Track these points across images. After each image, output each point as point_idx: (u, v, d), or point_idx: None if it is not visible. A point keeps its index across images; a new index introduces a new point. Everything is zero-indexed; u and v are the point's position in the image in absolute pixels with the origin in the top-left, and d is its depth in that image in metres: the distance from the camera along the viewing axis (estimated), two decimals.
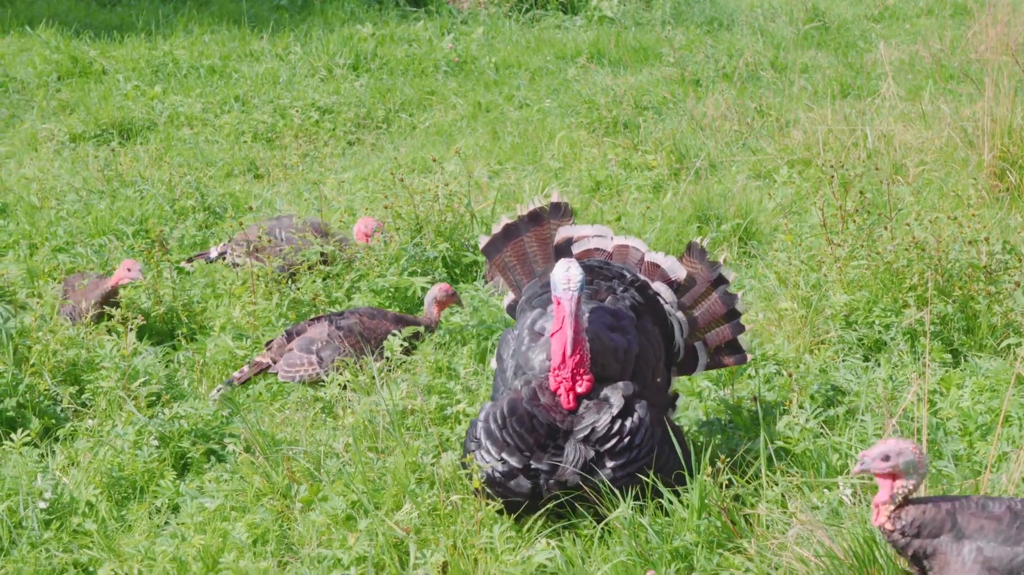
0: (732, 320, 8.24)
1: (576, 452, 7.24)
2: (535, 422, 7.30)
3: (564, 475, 7.25)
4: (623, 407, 7.29)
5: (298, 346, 10.04)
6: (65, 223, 13.49)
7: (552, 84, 19.33)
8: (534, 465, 7.28)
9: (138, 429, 9.01)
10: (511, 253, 8.46)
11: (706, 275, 8.23)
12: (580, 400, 7.33)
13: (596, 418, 7.27)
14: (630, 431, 7.24)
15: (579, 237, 8.36)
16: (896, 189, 12.50)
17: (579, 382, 7.33)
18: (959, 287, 10.03)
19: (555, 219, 8.50)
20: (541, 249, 8.41)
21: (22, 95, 19.86)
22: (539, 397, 7.37)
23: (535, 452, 7.29)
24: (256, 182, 15.79)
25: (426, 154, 15.51)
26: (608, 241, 8.35)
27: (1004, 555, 5.87)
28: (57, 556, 7.92)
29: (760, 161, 14.63)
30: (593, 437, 7.25)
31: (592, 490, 7.25)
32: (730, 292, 8.26)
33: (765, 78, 18.55)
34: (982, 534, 5.94)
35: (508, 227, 8.51)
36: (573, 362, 7.30)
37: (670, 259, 8.23)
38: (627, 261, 8.22)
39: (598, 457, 7.25)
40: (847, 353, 9.78)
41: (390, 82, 19.70)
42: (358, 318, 10.20)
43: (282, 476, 8.25)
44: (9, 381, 9.57)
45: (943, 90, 16.49)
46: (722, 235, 12.50)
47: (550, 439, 7.30)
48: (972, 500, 6.07)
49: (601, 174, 14.40)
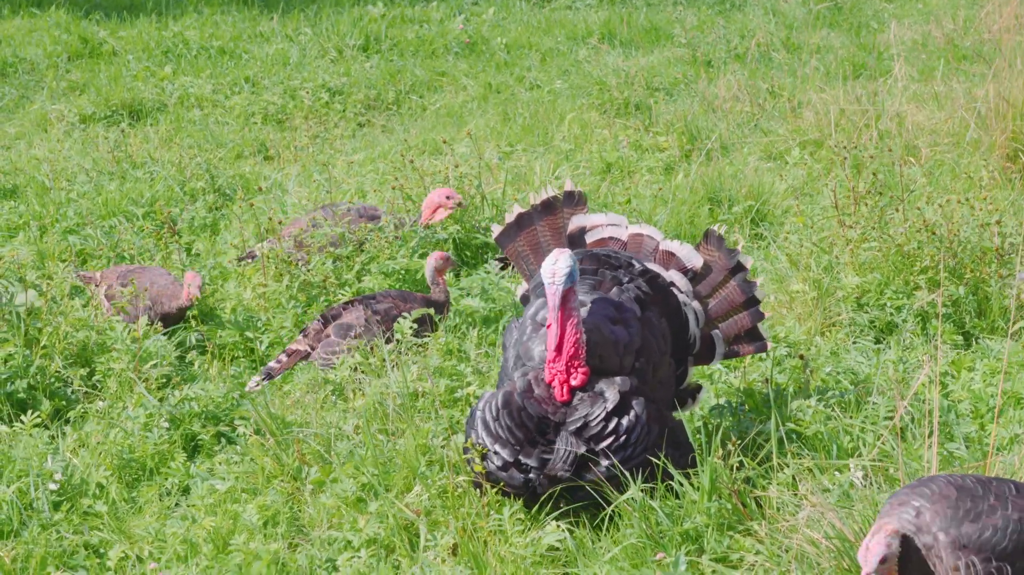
0: (751, 308, 8.11)
1: (567, 445, 7.17)
2: (524, 415, 7.21)
3: (554, 470, 7.18)
4: (618, 403, 7.21)
5: (335, 332, 10.00)
6: (75, 204, 13.48)
7: (563, 65, 19.28)
8: (523, 460, 7.21)
9: (149, 411, 9.02)
10: (524, 242, 8.38)
11: (724, 263, 8.10)
12: (575, 392, 7.25)
13: (589, 411, 7.19)
14: (626, 430, 7.17)
15: (592, 226, 8.28)
16: (908, 171, 12.46)
17: (574, 374, 7.24)
18: (971, 269, 10.00)
19: (568, 208, 8.40)
20: (554, 238, 8.32)
21: (32, 76, 19.87)
22: (533, 389, 7.30)
23: (524, 447, 7.21)
24: (266, 163, 15.78)
25: (436, 136, 15.48)
26: (622, 230, 8.25)
27: (971, 532, 5.84)
28: (68, 538, 7.93)
29: (772, 142, 14.60)
30: (585, 432, 7.17)
31: (587, 486, 7.20)
32: (749, 280, 8.12)
33: (777, 59, 18.48)
34: (943, 520, 5.90)
35: (521, 216, 8.42)
36: (567, 355, 7.19)
37: (686, 247, 8.12)
38: (641, 250, 8.12)
39: (591, 455, 7.17)
40: (858, 335, 9.77)
41: (400, 63, 19.67)
42: (392, 301, 10.18)
43: (292, 458, 8.25)
44: (20, 363, 9.58)
45: (955, 70, 16.44)
46: (733, 217, 12.47)
47: (540, 433, 7.21)
48: (909, 494, 6.00)
49: (612, 156, 14.37)
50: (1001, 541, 5.83)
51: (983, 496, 5.93)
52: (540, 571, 7.11)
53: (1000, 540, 5.83)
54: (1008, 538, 5.82)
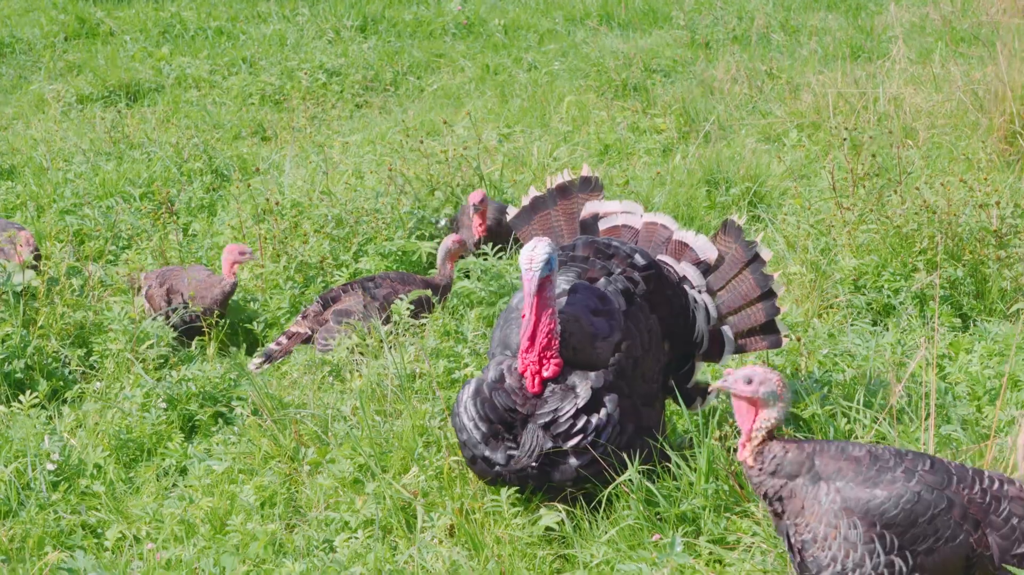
0: (766, 301, 7.85)
1: (533, 440, 7.04)
2: (489, 407, 7.11)
3: (519, 463, 7.07)
4: (589, 400, 7.06)
5: (334, 318, 10.00)
6: (72, 185, 13.48)
7: (561, 47, 19.27)
8: (488, 454, 7.12)
9: (146, 391, 9.02)
10: (538, 226, 8.28)
11: (740, 254, 7.87)
12: (547, 384, 7.11)
13: (559, 405, 7.04)
14: (595, 429, 7.03)
15: (606, 213, 8.14)
16: (906, 153, 12.44)
17: (546, 365, 7.09)
18: (969, 251, 10.00)
19: (583, 193, 8.28)
20: (567, 223, 8.22)
21: (29, 56, 19.86)
22: (505, 378, 7.16)
23: (491, 440, 7.11)
24: (264, 144, 15.77)
25: (434, 117, 15.47)
26: (637, 218, 8.09)
27: (862, 496, 5.84)
28: (65, 518, 7.94)
29: (770, 124, 14.59)
30: (554, 427, 7.04)
31: (564, 481, 7.11)
32: (766, 273, 7.86)
33: (775, 41, 18.48)
34: (840, 476, 5.91)
35: (536, 200, 8.33)
36: (539, 345, 7.06)
37: (701, 238, 7.95)
38: (654, 239, 7.97)
39: (559, 451, 7.04)
40: (856, 317, 9.76)
41: (398, 44, 19.65)
42: (391, 285, 10.17)
43: (290, 439, 8.25)
44: (17, 343, 9.57)
45: (954, 53, 16.41)
46: (731, 198, 12.47)
47: (507, 426, 7.09)
48: (833, 443, 6.04)
49: (610, 137, 14.36)
50: (891, 510, 5.81)
51: (892, 467, 5.91)
52: (537, 552, 7.12)
53: (889, 509, 5.81)
54: (900, 508, 5.80)
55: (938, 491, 5.85)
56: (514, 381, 7.13)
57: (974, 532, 5.83)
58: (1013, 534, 5.83)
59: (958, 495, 5.87)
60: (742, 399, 6.05)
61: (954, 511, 5.83)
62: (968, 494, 5.89)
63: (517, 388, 7.11)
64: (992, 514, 5.86)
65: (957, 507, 5.84)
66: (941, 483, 5.88)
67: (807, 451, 6.00)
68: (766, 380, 6.01)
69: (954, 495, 5.86)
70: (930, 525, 5.81)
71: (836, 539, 5.86)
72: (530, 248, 7.04)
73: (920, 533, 5.82)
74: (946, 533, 5.82)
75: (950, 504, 5.84)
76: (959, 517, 5.83)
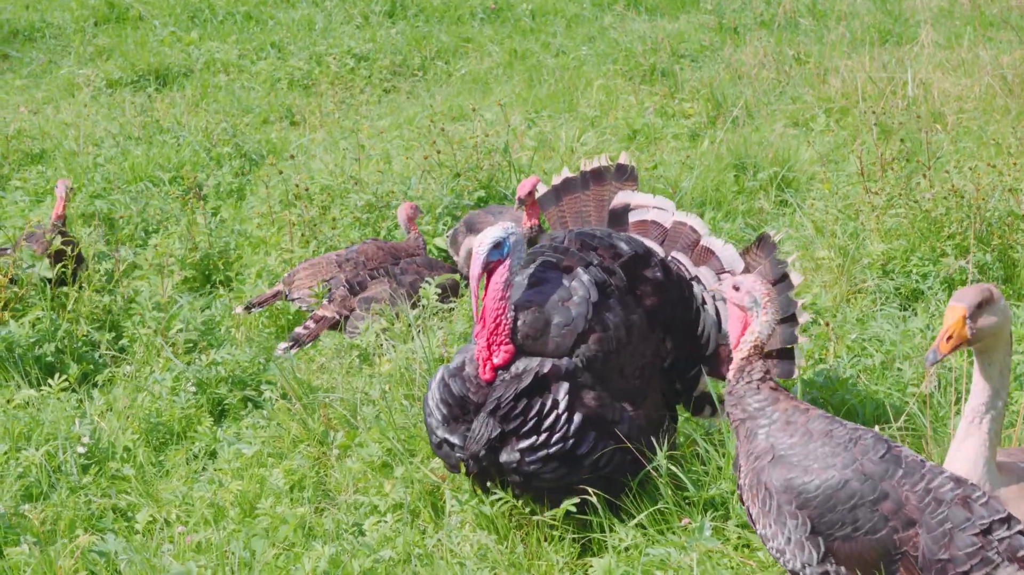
0: (787, 327, 7.44)
1: (482, 427, 6.86)
2: (447, 393, 6.96)
3: (469, 450, 6.89)
4: (531, 383, 6.84)
5: (361, 306, 10.04)
6: (102, 169, 13.53)
7: (589, 31, 19.25)
8: (447, 437, 6.97)
9: (175, 375, 9.06)
10: (567, 208, 8.10)
11: (767, 272, 7.55)
12: (499, 373, 6.92)
13: (503, 392, 6.84)
14: (536, 413, 6.82)
15: (637, 205, 7.87)
16: (934, 138, 12.40)
17: (495, 352, 6.90)
18: (998, 236, 9.97)
19: (618, 182, 8.06)
20: (596, 210, 8.04)
21: (59, 41, 19.92)
22: (465, 366, 7.01)
23: (450, 423, 6.96)
24: (292, 129, 15.80)
25: (462, 102, 15.48)
26: (668, 215, 7.80)
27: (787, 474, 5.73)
28: (96, 501, 7.98)
29: (798, 109, 14.56)
30: (497, 412, 6.84)
31: (511, 472, 6.93)
32: (791, 297, 7.46)
33: (803, 25, 18.43)
34: (786, 444, 5.82)
35: (568, 181, 8.11)
36: (488, 331, 6.89)
37: (729, 248, 7.65)
38: (681, 240, 7.69)
39: (503, 437, 6.86)
40: (884, 302, 9.74)
41: (426, 29, 19.65)
42: (417, 270, 10.20)
43: (319, 423, 8.28)
44: (47, 327, 9.62)
45: (982, 37, 16.35)
46: (759, 183, 12.45)
47: (462, 411, 6.95)
48: (810, 411, 5.93)
49: (638, 122, 14.34)
50: (810, 491, 5.72)
51: (837, 450, 5.79)
52: (565, 535, 7.12)
53: (810, 490, 5.72)
54: (820, 491, 5.70)
55: (873, 481, 5.70)
56: (472, 369, 6.97)
57: (903, 530, 5.66)
58: (943, 539, 5.62)
59: (896, 489, 5.71)
60: (734, 307, 6.00)
61: (885, 504, 5.68)
62: (909, 490, 5.72)
63: (473, 376, 6.94)
64: (928, 515, 5.66)
65: (890, 501, 5.68)
66: (882, 474, 5.73)
67: (781, 401, 5.93)
68: (752, 289, 5.95)
69: (891, 488, 5.71)
70: (850, 513, 5.68)
71: (756, 506, 5.83)
72: (483, 232, 6.91)
73: (837, 519, 5.70)
74: (867, 525, 5.68)
75: (883, 496, 5.69)
76: (889, 511, 5.68)
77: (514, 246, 6.93)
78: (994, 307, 5.51)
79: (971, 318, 5.49)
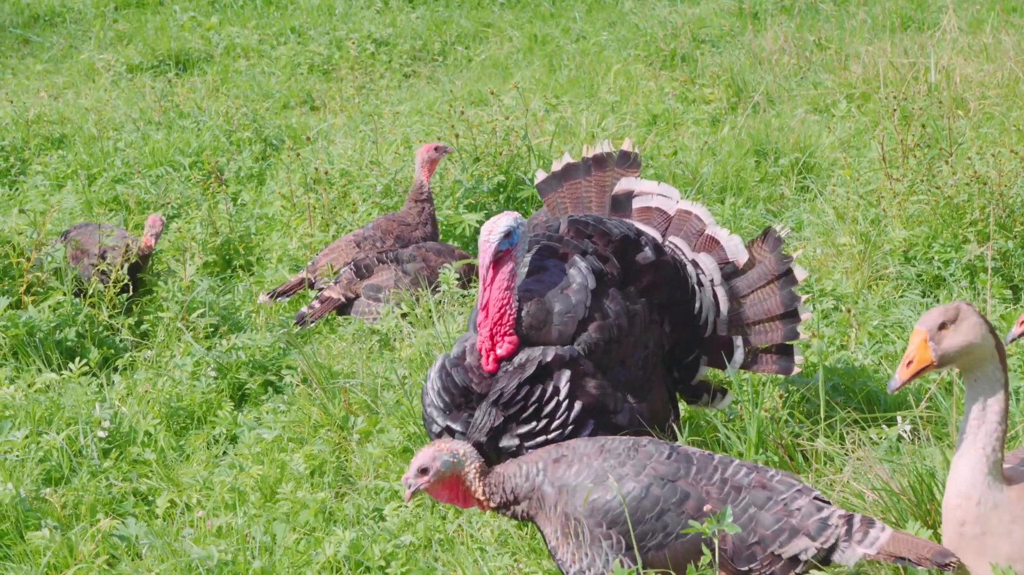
0: (788, 322, 7.44)
1: (484, 416, 6.75)
2: (450, 382, 6.85)
3: (472, 438, 6.76)
4: (535, 373, 6.76)
5: (365, 293, 10.05)
6: (122, 154, 13.55)
7: (609, 17, 19.22)
8: (449, 424, 6.85)
9: (196, 360, 9.07)
10: (567, 194, 7.96)
11: (772, 266, 7.49)
12: (502, 364, 6.83)
13: (507, 383, 6.75)
14: (536, 399, 6.73)
15: (640, 192, 7.74)
16: (956, 123, 12.35)
17: (499, 343, 6.81)
18: (1020, 222, 9.93)
19: (620, 168, 7.91)
20: (597, 196, 7.90)
21: (79, 26, 19.96)
22: (467, 356, 6.92)
23: (451, 411, 6.85)
24: (312, 114, 15.82)
25: (482, 87, 15.46)
26: (672, 203, 7.66)
27: (587, 498, 5.81)
28: (116, 485, 7.99)
29: (819, 95, 14.52)
30: (501, 400, 6.74)
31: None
32: (795, 292, 7.46)
33: (824, 10, 18.37)
34: (572, 477, 5.89)
35: (569, 167, 7.97)
36: (492, 321, 6.80)
37: (734, 239, 7.54)
38: (685, 229, 7.59)
39: (505, 423, 6.76)
40: (906, 289, 9.71)
41: (446, 14, 19.64)
42: (422, 259, 10.20)
43: (339, 408, 8.28)
44: (68, 311, 9.63)
45: (1005, 22, 16.27)
46: (780, 169, 12.43)
47: (465, 401, 6.84)
48: (563, 445, 6.09)
49: (658, 108, 14.32)
50: (615, 508, 5.75)
51: (623, 462, 5.85)
52: None
53: (614, 507, 5.75)
54: (624, 505, 5.72)
55: (671, 483, 5.76)
56: (473, 359, 6.88)
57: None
58: (750, 524, 5.68)
59: (695, 487, 5.76)
60: (440, 489, 6.13)
61: (688, 504, 5.73)
62: (706, 485, 5.77)
63: (475, 366, 6.86)
64: (731, 504, 5.71)
65: (692, 499, 5.73)
66: (675, 473, 5.79)
67: (528, 467, 6.00)
68: (435, 456, 6.05)
69: (690, 487, 5.76)
70: (658, 521, 5.73)
71: (570, 541, 5.82)
72: (492, 220, 6.81)
73: (648, 530, 5.74)
74: (676, 528, 5.72)
75: (684, 497, 5.74)
76: (693, 510, 5.71)
77: (522, 236, 6.88)
78: (959, 326, 5.39)
79: (933, 341, 5.39)
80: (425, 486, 6.07)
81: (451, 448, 6.07)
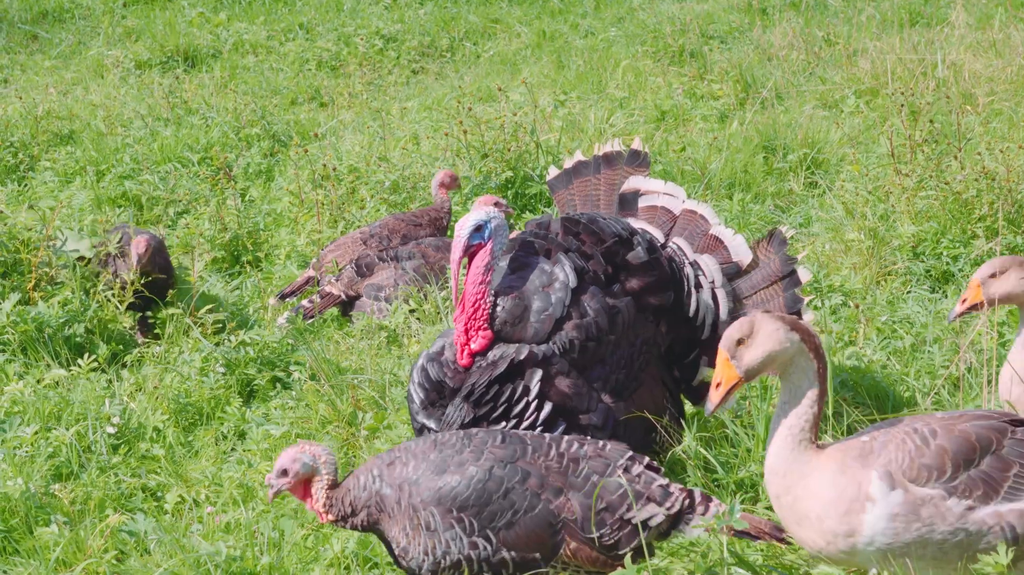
0: None
1: (456, 412, 6.77)
2: (425, 377, 6.89)
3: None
4: (506, 370, 6.77)
5: (366, 292, 10.05)
6: (131, 150, 13.57)
7: (617, 13, 19.20)
8: (425, 422, 6.89)
9: (204, 356, 9.08)
10: (576, 191, 7.99)
11: (776, 268, 7.46)
12: (476, 359, 6.84)
13: (478, 378, 6.77)
14: (507, 399, 6.74)
15: (647, 191, 7.75)
16: (965, 119, 12.34)
17: (473, 338, 6.83)
18: None
19: (630, 166, 7.93)
20: (606, 194, 7.91)
21: (88, 22, 19.97)
22: (445, 351, 6.94)
23: (427, 408, 6.89)
24: (321, 110, 15.82)
25: (490, 83, 15.46)
26: (678, 202, 7.66)
27: (432, 486, 5.91)
28: (125, 481, 7.99)
29: (827, 91, 14.50)
30: (471, 398, 6.76)
31: None
32: (798, 294, 7.42)
33: (833, 6, 18.35)
34: (411, 474, 5.96)
35: (579, 164, 8.01)
36: (467, 315, 6.81)
37: (739, 239, 7.53)
38: (690, 228, 7.58)
39: (475, 422, 6.76)
40: (915, 284, 9.71)
41: (454, 10, 19.64)
42: (422, 256, 10.20)
43: (347, 404, 8.28)
44: (77, 307, 9.64)
45: (1014, 18, 16.25)
46: (788, 165, 12.42)
47: (439, 396, 6.86)
48: (394, 450, 6.13)
49: (666, 104, 14.31)
50: (462, 492, 5.86)
51: (459, 450, 5.95)
52: None
53: (461, 491, 5.86)
54: (471, 488, 5.85)
55: (511, 464, 5.88)
56: (451, 354, 6.90)
57: (555, 498, 5.85)
58: (593, 490, 5.83)
59: (534, 465, 5.89)
60: (301, 492, 6.13)
61: (530, 481, 5.85)
62: (544, 462, 5.91)
63: (451, 361, 6.88)
64: (572, 476, 5.88)
65: (533, 477, 5.86)
66: (513, 455, 5.92)
67: (364, 477, 6.05)
68: (295, 458, 6.05)
69: (529, 465, 5.88)
70: (505, 499, 5.84)
71: (421, 534, 5.89)
72: (465, 216, 6.86)
73: (497, 510, 5.85)
74: (523, 504, 5.84)
75: (525, 475, 5.86)
76: (536, 486, 5.85)
77: (496, 230, 6.89)
78: (755, 338, 5.41)
79: (735, 359, 5.44)
80: (287, 487, 6.10)
81: (313, 452, 6.09)
